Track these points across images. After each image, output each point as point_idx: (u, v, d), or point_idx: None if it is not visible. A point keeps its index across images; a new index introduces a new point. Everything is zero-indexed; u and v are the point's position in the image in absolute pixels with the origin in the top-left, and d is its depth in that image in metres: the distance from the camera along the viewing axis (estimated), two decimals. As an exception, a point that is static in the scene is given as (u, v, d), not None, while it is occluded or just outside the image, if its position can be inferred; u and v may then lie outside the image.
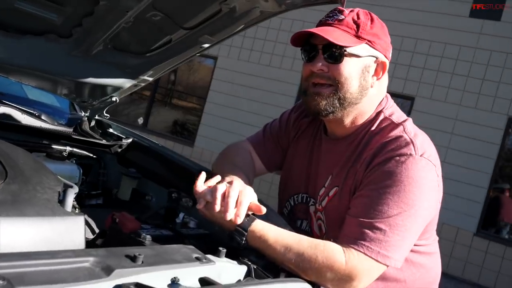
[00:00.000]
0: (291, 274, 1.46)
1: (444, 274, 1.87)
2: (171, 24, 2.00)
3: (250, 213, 1.52)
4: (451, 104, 8.06)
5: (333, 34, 1.59)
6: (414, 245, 1.62)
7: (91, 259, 1.08)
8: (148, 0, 1.81)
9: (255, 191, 1.56)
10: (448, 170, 6.95)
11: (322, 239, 1.58)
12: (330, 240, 1.52)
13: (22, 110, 2.20)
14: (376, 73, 1.69)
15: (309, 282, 1.45)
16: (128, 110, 12.15)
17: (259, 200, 1.60)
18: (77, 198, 1.92)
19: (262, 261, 1.47)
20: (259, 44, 9.83)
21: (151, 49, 2.17)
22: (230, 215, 1.44)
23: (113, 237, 1.51)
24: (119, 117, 11.33)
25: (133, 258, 1.13)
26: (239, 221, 1.46)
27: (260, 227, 1.49)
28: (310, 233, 1.80)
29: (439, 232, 1.84)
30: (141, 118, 11.59)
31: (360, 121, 1.72)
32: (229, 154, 1.92)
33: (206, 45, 2.11)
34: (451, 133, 7.95)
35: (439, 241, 1.83)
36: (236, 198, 1.47)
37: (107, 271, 1.05)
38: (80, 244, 1.22)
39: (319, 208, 1.76)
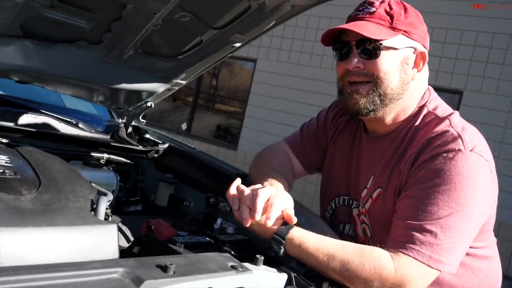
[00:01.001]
0: (335, 283, 1.38)
1: (505, 277, 1.74)
2: (200, 25, 1.96)
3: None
4: (503, 96, 7.72)
5: (366, 28, 1.50)
6: (470, 247, 1.50)
7: (121, 270, 1.04)
8: (175, 1, 1.78)
9: (300, 193, 1.49)
10: (503, 165, 6.65)
11: (368, 243, 1.50)
12: (376, 245, 1.43)
13: (60, 119, 2.23)
14: (416, 64, 1.59)
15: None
16: (173, 117, 12.31)
17: (300, 204, 1.53)
18: (116, 205, 1.98)
19: (304, 268, 1.40)
20: (297, 44, 9.73)
21: (182, 52, 2.14)
22: (258, 216, 1.36)
23: (148, 245, 1.49)
24: (164, 124, 11.48)
25: (164, 268, 1.08)
26: (269, 223, 1.37)
27: (299, 234, 1.41)
28: (354, 237, 1.71)
29: (496, 232, 1.71)
30: (185, 123, 11.70)
31: (402, 117, 1.63)
32: (266, 156, 1.85)
33: (238, 45, 2.05)
34: (505, 127, 7.61)
35: (497, 242, 1.71)
36: (266, 199, 1.39)
37: (137, 282, 1.01)
38: (114, 253, 1.19)
39: (363, 211, 1.66)
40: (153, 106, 2.39)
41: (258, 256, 1.29)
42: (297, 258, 1.41)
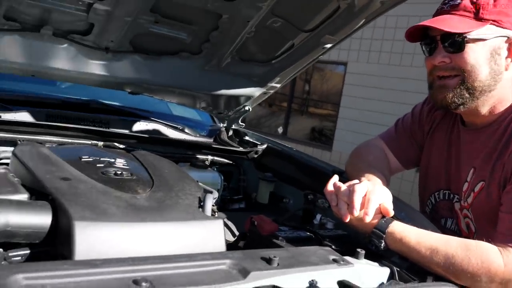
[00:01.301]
0: (439, 277, 1.29)
1: None
2: (291, 29, 1.95)
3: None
4: None
5: (449, 23, 1.41)
6: None
7: (228, 261, 1.05)
8: (267, 7, 1.78)
9: (396, 191, 1.42)
10: None
11: (472, 238, 1.40)
12: (482, 240, 1.33)
13: (168, 125, 2.31)
14: (510, 54, 1.46)
15: (461, 286, 1.28)
16: (269, 122, 12.45)
17: (400, 200, 1.46)
18: (221, 203, 2.02)
19: (406, 263, 1.33)
20: (387, 45, 9.42)
21: (276, 56, 2.14)
22: (356, 212, 1.31)
23: (252, 239, 1.50)
24: (261, 128, 11.63)
25: (268, 261, 1.07)
26: (368, 219, 1.32)
27: (400, 228, 1.34)
28: (457, 232, 1.60)
29: None
30: (281, 127, 11.78)
31: (501, 108, 1.51)
32: (362, 153, 1.79)
33: (329, 45, 2.01)
34: None
35: None
36: (363, 194, 1.33)
37: (244, 273, 1.01)
38: (221, 247, 1.21)
39: (465, 205, 1.55)
40: (250, 109, 2.41)
41: (359, 250, 1.25)
42: (399, 252, 1.34)
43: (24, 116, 1.89)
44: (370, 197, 1.34)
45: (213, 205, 1.39)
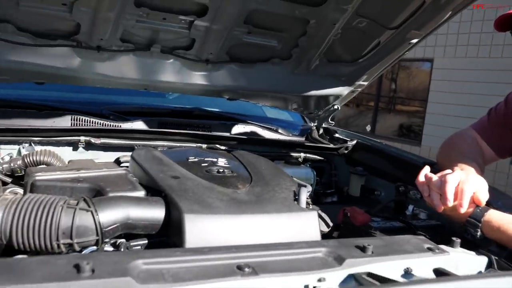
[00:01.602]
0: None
1: None
2: (377, 27, 1.87)
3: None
4: None
5: None
6: None
7: (323, 249, 1.02)
8: (352, 9, 1.72)
9: (490, 183, 1.30)
10: None
11: None
12: None
13: (263, 126, 2.32)
14: None
15: None
16: (357, 121, 12.17)
17: (496, 189, 1.34)
18: (315, 197, 1.99)
19: (505, 251, 1.22)
20: (475, 38, 8.78)
21: (362, 55, 2.07)
22: (449, 202, 1.22)
23: (346, 230, 1.46)
24: (350, 128, 11.38)
25: (362, 249, 1.03)
26: (462, 210, 1.22)
27: (498, 217, 1.24)
28: None
29: None
30: (369, 125, 11.44)
31: None
32: (454, 143, 1.66)
33: (415, 41, 1.90)
34: None
35: None
36: (455, 184, 1.24)
37: (339, 260, 0.98)
38: (316, 236, 1.19)
39: None
40: (339, 108, 2.36)
41: (454, 238, 1.16)
42: (497, 241, 1.23)
43: (139, 125, 1.99)
44: (463, 187, 1.24)
45: (307, 198, 1.36)
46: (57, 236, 1.05)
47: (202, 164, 1.49)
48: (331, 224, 1.53)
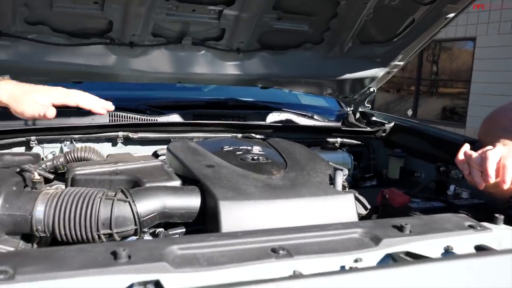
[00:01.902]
0: None
1: None
2: (410, 4, 1.80)
3: None
4: None
5: None
6: None
7: (359, 230, 0.99)
8: (385, -15, 1.67)
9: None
10: None
11: None
12: None
13: (298, 113, 2.30)
14: None
15: None
16: (398, 106, 11.88)
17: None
18: (353, 182, 1.97)
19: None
20: (520, 12, 8.37)
21: (397, 34, 2.00)
22: (491, 179, 1.16)
23: (384, 212, 1.43)
24: (391, 113, 11.15)
25: (400, 228, 0.99)
26: (505, 186, 1.15)
27: None
28: None
29: None
30: (410, 110, 11.16)
31: None
32: (495, 118, 1.58)
33: (451, 15, 1.82)
34: None
35: None
36: (497, 160, 1.17)
37: (375, 240, 0.95)
38: (353, 219, 1.17)
39: None
40: (375, 91, 2.30)
41: (497, 215, 1.10)
42: None
43: (175, 118, 2.01)
44: (505, 162, 1.17)
45: (343, 182, 1.35)
46: (97, 227, 1.08)
47: (237, 153, 1.50)
48: (369, 207, 1.50)
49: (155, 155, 1.79)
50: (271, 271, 0.82)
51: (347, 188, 1.42)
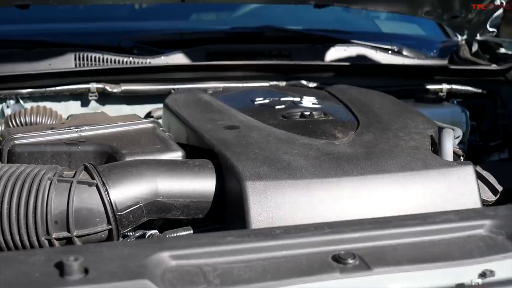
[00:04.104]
0: None
1: None
2: None
3: None
4: None
5: None
6: None
7: (487, 222, 0.95)
8: None
9: None
10: None
11: None
12: None
13: (376, 47, 2.28)
14: None
15: None
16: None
17: None
18: (469, 152, 1.94)
19: None
20: None
21: None
22: None
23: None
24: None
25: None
26: None
27: None
28: None
29: None
30: None
31: None
32: None
33: None
34: None
35: None
36: None
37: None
38: (474, 203, 1.16)
39: None
40: (504, 3, 2.16)
41: None
42: None
43: (178, 59, 2.02)
44: None
45: (455, 147, 1.33)
46: (47, 226, 1.05)
47: (277, 107, 1.51)
48: (500, 188, 1.41)
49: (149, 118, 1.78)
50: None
51: (462, 158, 1.35)
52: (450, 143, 1.28)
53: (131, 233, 1.18)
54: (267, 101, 1.57)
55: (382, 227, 0.92)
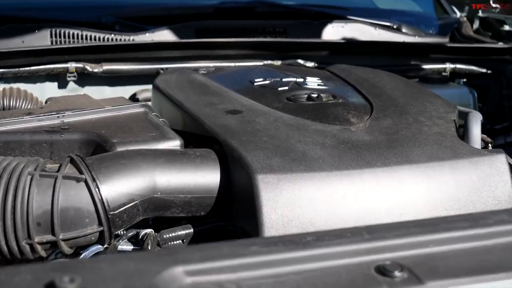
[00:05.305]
0: None
1: None
2: None
3: None
4: None
5: None
6: None
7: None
8: None
9: None
10: None
11: None
12: None
13: (375, 24, 2.26)
14: None
15: None
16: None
17: None
18: None
19: None
20: None
21: None
22: None
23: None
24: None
25: None
26: None
27: None
28: None
29: None
30: None
31: None
32: None
33: None
34: None
35: None
36: None
37: None
38: (507, 196, 1.11)
39: None
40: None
41: None
42: None
43: (164, 36, 1.99)
44: None
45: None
46: (28, 229, 1.00)
47: (279, 89, 1.47)
48: None
49: (134, 100, 1.80)
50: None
51: (490, 145, 1.30)
52: (478, 129, 1.25)
53: (123, 233, 1.12)
54: (267, 82, 1.53)
55: (429, 231, 0.82)
